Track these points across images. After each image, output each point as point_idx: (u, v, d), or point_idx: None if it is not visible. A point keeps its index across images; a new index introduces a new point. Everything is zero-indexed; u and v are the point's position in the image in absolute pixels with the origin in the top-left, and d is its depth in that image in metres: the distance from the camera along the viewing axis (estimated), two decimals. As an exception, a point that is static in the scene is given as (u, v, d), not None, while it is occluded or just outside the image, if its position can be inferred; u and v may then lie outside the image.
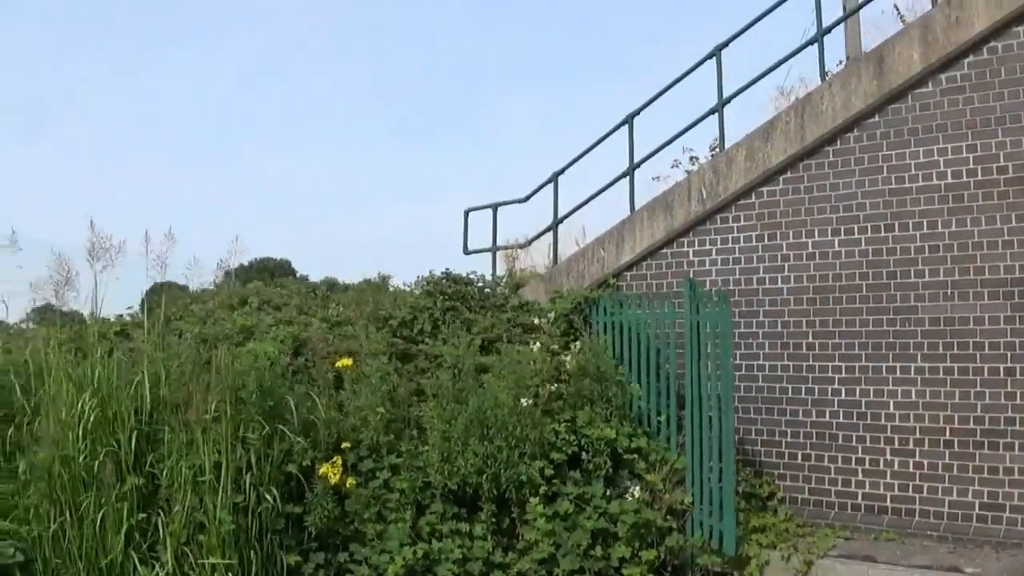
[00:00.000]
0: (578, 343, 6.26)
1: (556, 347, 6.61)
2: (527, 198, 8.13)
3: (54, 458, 5.29)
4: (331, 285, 14.09)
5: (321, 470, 5.45)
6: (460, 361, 5.92)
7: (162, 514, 5.21)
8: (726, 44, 7.08)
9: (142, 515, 5.19)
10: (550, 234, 8.06)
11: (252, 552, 5.25)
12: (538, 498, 5.69)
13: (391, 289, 9.10)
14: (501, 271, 8.64)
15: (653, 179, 7.88)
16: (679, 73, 7.24)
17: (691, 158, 8.17)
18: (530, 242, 8.45)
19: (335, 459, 5.45)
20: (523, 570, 5.57)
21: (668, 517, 5.87)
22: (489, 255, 8.69)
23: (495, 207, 8.27)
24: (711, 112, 7.04)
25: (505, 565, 5.60)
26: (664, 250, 6.99)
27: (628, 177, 7.43)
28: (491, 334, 6.90)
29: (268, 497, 5.35)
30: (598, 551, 5.63)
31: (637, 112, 7.48)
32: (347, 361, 5.86)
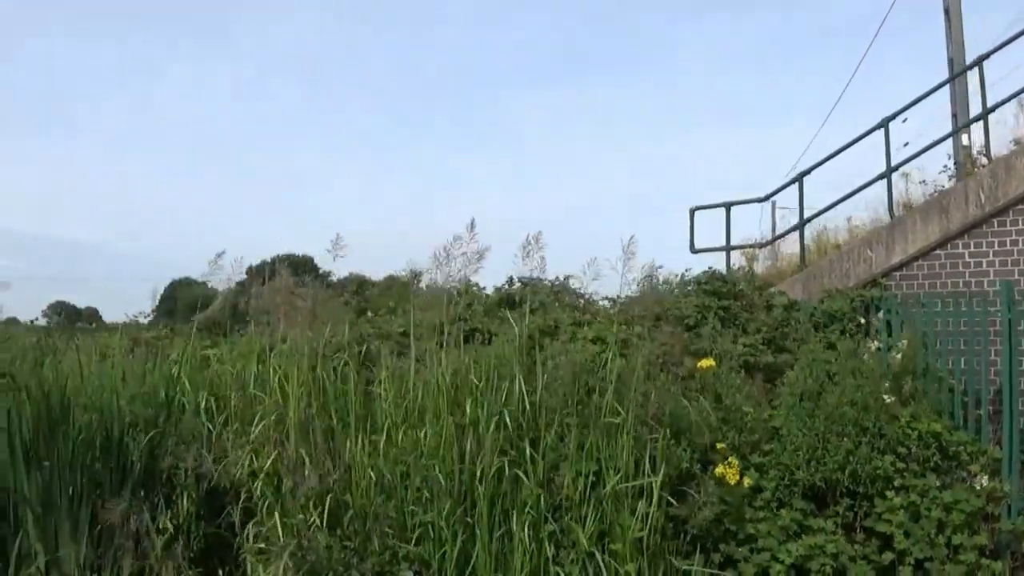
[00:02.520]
0: (904, 341, 6.55)
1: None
2: (766, 197, 8.36)
3: (475, 474, 5.22)
4: (360, 282, 13.81)
5: (717, 471, 5.58)
6: (811, 361, 6.12)
7: (570, 521, 5.23)
8: (987, 56, 7.45)
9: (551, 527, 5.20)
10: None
11: (652, 558, 5.34)
12: (893, 491, 5.97)
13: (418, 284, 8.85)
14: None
15: (921, 183, 8.21)
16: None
17: (956, 164, 8.53)
18: (771, 241, 8.67)
19: (730, 459, 5.59)
20: (882, 561, 5.86)
21: (990, 504, 6.25)
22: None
23: (728, 206, 8.44)
24: (976, 119, 7.41)
25: (862, 557, 5.88)
26: (937, 252, 7.35)
27: (886, 179, 7.75)
28: (775, 333, 7.13)
29: (671, 500, 5.45)
30: (940, 539, 5.97)
31: (892, 117, 7.80)
32: (709, 362, 5.99)
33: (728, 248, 8.55)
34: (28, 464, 5.15)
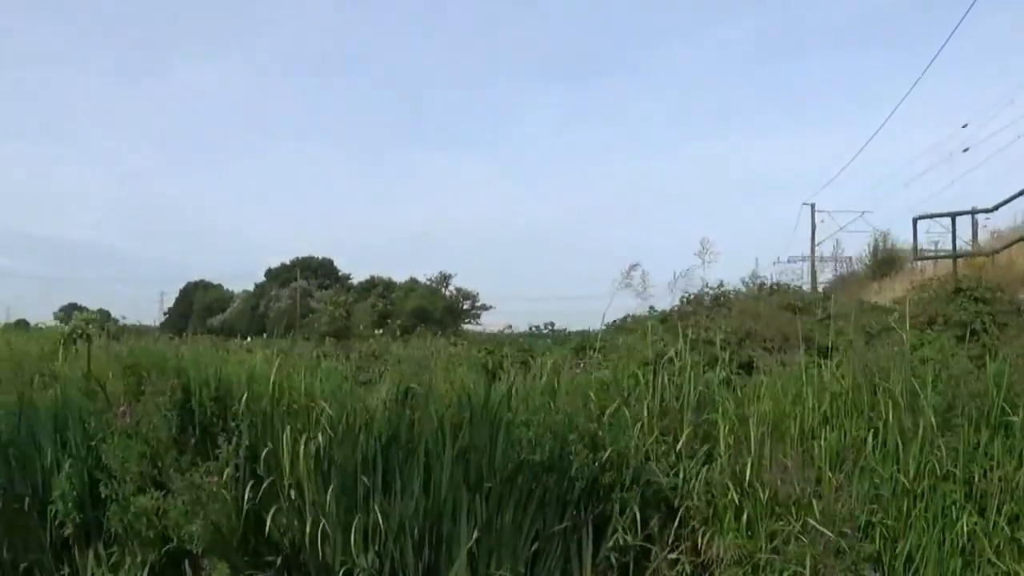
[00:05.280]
0: None
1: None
2: (995, 208, 8.76)
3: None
4: (387, 285, 14.09)
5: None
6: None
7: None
8: None
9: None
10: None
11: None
12: None
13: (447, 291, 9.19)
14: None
15: None
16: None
17: None
18: (998, 251, 9.05)
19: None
20: None
21: None
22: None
23: (954, 216, 8.81)
24: None
25: None
26: None
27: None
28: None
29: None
30: None
31: None
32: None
33: (955, 256, 8.95)
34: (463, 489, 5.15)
